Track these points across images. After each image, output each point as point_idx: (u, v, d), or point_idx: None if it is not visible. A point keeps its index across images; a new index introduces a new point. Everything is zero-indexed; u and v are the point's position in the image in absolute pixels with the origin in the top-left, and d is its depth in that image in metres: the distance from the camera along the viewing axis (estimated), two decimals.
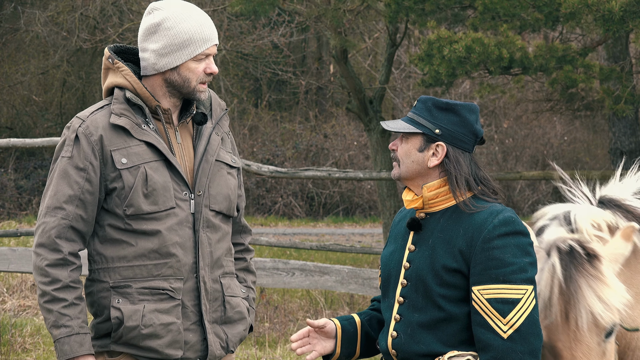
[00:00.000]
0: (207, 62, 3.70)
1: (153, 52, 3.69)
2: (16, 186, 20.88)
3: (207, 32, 3.68)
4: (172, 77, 3.69)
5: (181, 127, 3.78)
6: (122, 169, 3.60)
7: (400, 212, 3.88)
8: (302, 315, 10.32)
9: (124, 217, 3.61)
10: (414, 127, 3.60)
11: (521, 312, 3.41)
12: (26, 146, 9.36)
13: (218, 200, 3.75)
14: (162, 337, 3.62)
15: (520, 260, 3.44)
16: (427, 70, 9.06)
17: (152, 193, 3.61)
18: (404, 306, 3.59)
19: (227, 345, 3.78)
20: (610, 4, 8.16)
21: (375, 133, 12.89)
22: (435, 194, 3.59)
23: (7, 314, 9.48)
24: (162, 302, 3.63)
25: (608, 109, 9.84)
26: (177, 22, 3.66)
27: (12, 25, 22.80)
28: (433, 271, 3.52)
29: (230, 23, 20.24)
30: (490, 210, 3.52)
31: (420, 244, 3.61)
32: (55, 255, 3.57)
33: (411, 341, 3.54)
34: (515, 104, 21.43)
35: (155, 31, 3.69)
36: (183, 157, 3.73)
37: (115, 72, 3.73)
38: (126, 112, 3.66)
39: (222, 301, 3.76)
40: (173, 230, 3.63)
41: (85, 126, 3.63)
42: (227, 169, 3.82)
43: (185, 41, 3.65)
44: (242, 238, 4.00)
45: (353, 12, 12.11)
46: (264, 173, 9.25)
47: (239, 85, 23.28)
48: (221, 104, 3.90)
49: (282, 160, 22.42)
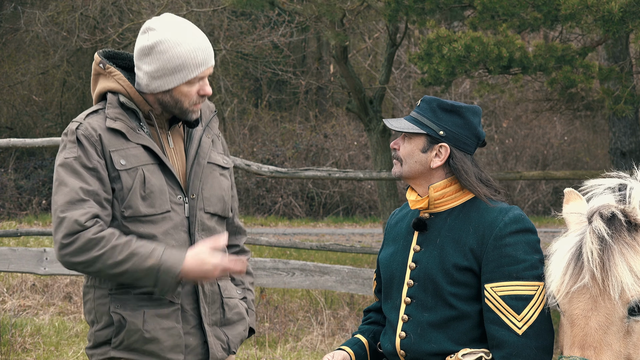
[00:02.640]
0: (201, 84, 3.68)
1: (146, 74, 3.66)
2: (16, 186, 20.87)
3: (201, 57, 3.64)
4: (164, 98, 3.67)
5: (172, 131, 3.78)
6: (121, 170, 3.59)
7: (394, 214, 3.90)
8: (302, 315, 10.32)
9: (121, 219, 3.59)
10: (417, 128, 3.61)
11: (534, 308, 3.46)
12: (26, 146, 9.35)
13: (212, 202, 3.75)
14: (164, 342, 3.62)
15: (531, 257, 3.50)
16: (426, 69, 9.05)
17: (149, 195, 3.60)
18: (411, 306, 3.60)
19: (229, 347, 3.79)
20: (609, 5, 8.16)
21: (375, 133, 12.89)
22: (441, 194, 3.62)
23: (7, 314, 9.48)
24: (161, 307, 3.63)
25: (608, 109, 9.83)
26: (171, 46, 3.62)
27: (12, 25, 22.80)
28: (443, 270, 3.54)
29: (230, 23, 20.24)
30: (499, 208, 3.57)
31: (427, 243, 3.62)
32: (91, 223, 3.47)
33: (421, 341, 3.56)
34: (515, 104, 21.43)
35: (149, 53, 3.65)
36: (176, 161, 3.74)
37: (107, 77, 3.71)
38: (121, 116, 3.65)
39: (220, 303, 3.77)
40: (169, 235, 3.63)
41: (84, 128, 3.61)
42: (220, 170, 3.83)
43: (178, 66, 3.62)
44: (237, 239, 4.00)
45: (353, 12, 12.11)
46: (264, 173, 9.25)
47: (239, 85, 23.28)
48: (210, 106, 3.90)
49: (282, 160, 22.41)
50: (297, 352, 8.80)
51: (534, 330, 3.45)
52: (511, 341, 3.44)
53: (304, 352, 8.82)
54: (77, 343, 8.78)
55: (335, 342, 9.23)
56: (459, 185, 3.64)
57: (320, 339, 9.26)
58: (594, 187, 3.46)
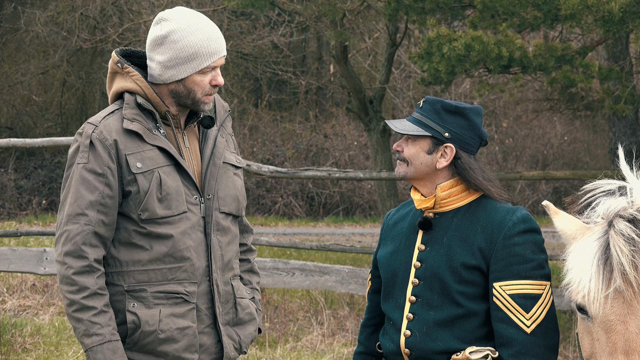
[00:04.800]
0: (213, 74, 3.69)
1: (159, 64, 3.68)
2: (16, 186, 20.87)
3: (214, 46, 3.67)
4: (177, 88, 3.69)
5: (188, 130, 3.79)
6: (137, 173, 3.60)
7: (390, 215, 3.92)
8: (302, 315, 10.32)
9: (138, 221, 3.60)
10: (423, 130, 3.63)
11: (542, 307, 3.49)
12: (26, 146, 9.35)
13: (227, 202, 3.77)
14: (179, 342, 3.63)
15: (539, 257, 3.54)
16: (426, 68, 9.05)
17: (166, 197, 3.61)
18: (416, 305, 3.62)
19: (240, 347, 3.80)
20: (609, 5, 8.15)
21: (375, 133, 12.89)
22: (447, 194, 3.65)
23: (7, 314, 9.48)
24: (177, 306, 3.64)
25: (608, 109, 9.83)
26: (184, 35, 3.64)
27: (12, 25, 22.80)
28: (451, 269, 3.57)
29: (230, 23, 20.24)
30: (507, 208, 3.60)
31: (433, 243, 3.64)
32: (81, 263, 3.55)
33: (427, 339, 3.58)
34: (515, 104, 21.42)
35: (162, 43, 3.67)
36: (191, 161, 3.75)
37: (124, 77, 3.71)
38: (138, 117, 3.65)
39: (233, 303, 3.78)
40: (186, 234, 3.64)
41: (99, 131, 3.62)
42: (233, 169, 3.84)
43: (191, 55, 3.64)
44: (245, 238, 4.01)
45: (353, 12, 12.11)
46: (264, 173, 9.25)
47: (239, 85, 23.28)
48: (224, 105, 3.91)
49: (282, 160, 22.41)
50: (297, 352, 8.80)
51: (542, 329, 3.48)
52: (520, 339, 3.47)
53: (304, 352, 8.81)
54: (77, 343, 8.77)
55: (335, 342, 9.23)
56: (464, 186, 3.67)
57: (320, 339, 9.25)
58: (593, 189, 3.45)
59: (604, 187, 3.43)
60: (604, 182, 3.45)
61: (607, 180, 3.46)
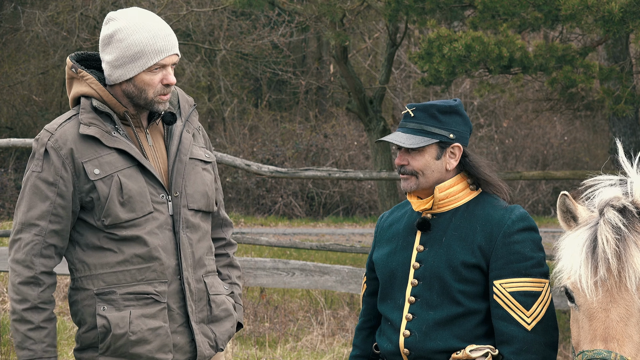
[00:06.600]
0: (164, 72, 3.63)
1: (108, 64, 3.64)
2: (16, 186, 20.87)
3: (161, 44, 3.61)
4: (128, 88, 3.64)
5: (151, 128, 3.75)
6: (95, 179, 3.57)
7: (384, 217, 3.91)
8: (302, 315, 10.32)
9: (102, 227, 3.58)
10: (430, 138, 3.63)
11: (542, 304, 3.51)
12: (26, 146, 9.35)
13: (196, 199, 3.73)
14: (151, 342, 3.61)
15: (538, 255, 3.56)
16: (426, 69, 9.05)
17: (128, 201, 3.58)
18: (416, 305, 3.63)
19: (216, 344, 3.77)
20: (610, 5, 8.16)
21: (375, 133, 12.89)
22: (445, 194, 3.66)
23: (7, 314, 9.48)
24: (147, 307, 3.61)
25: (608, 109, 9.84)
26: (129, 33, 3.60)
27: (12, 25, 22.80)
28: (451, 268, 3.58)
29: (230, 23, 20.24)
30: (505, 206, 3.63)
31: (432, 243, 3.65)
32: (27, 273, 3.55)
33: (427, 338, 3.59)
34: (515, 104, 21.42)
35: (109, 43, 3.64)
36: (157, 159, 3.71)
37: (79, 81, 3.68)
38: (95, 121, 3.61)
39: (207, 300, 3.75)
40: (154, 234, 3.61)
41: (55, 140, 3.60)
42: (202, 165, 3.80)
43: (136, 53, 3.59)
44: (224, 232, 3.98)
45: (353, 12, 12.11)
46: (264, 173, 9.25)
47: (239, 85, 23.27)
48: (189, 100, 3.87)
49: (282, 160, 22.41)
50: (297, 352, 8.80)
51: (542, 326, 3.50)
52: (521, 336, 3.49)
53: (304, 352, 8.81)
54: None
55: (335, 342, 9.23)
56: (463, 185, 3.68)
57: (320, 339, 9.26)
58: (594, 184, 3.47)
59: (604, 182, 3.46)
60: (605, 178, 3.48)
61: (608, 176, 3.49)
